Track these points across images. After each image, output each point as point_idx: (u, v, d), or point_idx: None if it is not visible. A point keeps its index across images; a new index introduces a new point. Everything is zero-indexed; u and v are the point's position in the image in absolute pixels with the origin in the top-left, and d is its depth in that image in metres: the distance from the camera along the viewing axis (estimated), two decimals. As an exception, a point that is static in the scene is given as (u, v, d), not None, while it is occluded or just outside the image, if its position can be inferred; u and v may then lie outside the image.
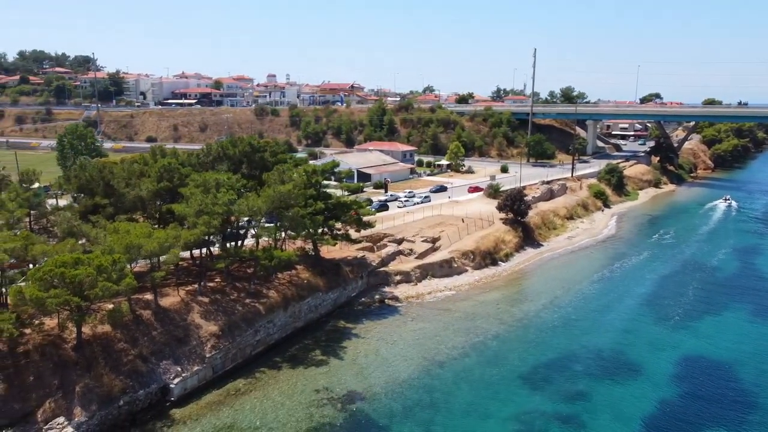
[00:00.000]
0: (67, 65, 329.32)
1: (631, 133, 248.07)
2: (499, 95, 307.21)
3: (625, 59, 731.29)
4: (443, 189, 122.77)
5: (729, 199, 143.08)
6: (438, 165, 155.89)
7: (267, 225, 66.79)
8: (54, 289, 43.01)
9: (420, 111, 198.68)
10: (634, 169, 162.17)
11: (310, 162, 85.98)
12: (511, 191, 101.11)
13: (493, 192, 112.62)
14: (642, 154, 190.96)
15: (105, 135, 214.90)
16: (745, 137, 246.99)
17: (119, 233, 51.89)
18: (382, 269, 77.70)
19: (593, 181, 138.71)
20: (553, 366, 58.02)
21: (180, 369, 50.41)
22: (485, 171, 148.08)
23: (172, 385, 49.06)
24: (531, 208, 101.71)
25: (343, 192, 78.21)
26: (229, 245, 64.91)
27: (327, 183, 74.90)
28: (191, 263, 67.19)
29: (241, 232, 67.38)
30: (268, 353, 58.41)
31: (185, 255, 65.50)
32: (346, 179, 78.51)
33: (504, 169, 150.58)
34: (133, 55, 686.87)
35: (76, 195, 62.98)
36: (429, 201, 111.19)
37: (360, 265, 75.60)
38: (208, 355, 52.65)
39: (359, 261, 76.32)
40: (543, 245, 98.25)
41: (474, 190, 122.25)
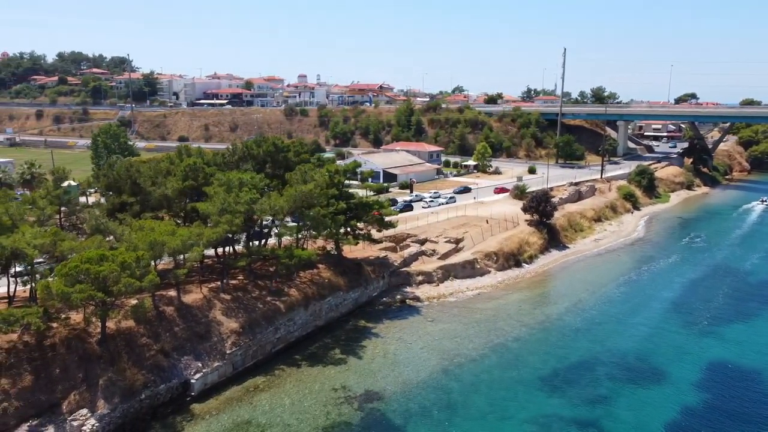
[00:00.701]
0: (104, 66, 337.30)
1: (664, 134, 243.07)
2: (530, 95, 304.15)
3: (660, 59, 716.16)
4: (467, 190, 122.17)
5: (766, 201, 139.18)
6: (465, 166, 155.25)
7: (291, 224, 67.48)
8: (79, 285, 44.20)
9: (448, 111, 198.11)
10: (665, 171, 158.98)
11: (337, 162, 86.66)
12: (537, 192, 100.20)
13: (519, 193, 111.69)
14: (674, 155, 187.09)
15: (139, 134, 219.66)
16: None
17: (144, 231, 53.04)
18: (404, 269, 77.76)
19: (623, 183, 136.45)
20: (575, 369, 57.34)
21: (201, 365, 51.30)
22: (512, 172, 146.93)
23: (192, 381, 49.96)
24: (557, 209, 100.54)
25: (368, 192, 78.59)
26: (253, 244, 65.81)
27: (351, 183, 75.31)
28: (216, 261, 68.26)
29: (265, 231, 68.26)
30: (288, 351, 59.02)
31: (210, 253, 66.63)
32: (368, 179, 78.61)
33: (531, 170, 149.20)
34: (168, 56, 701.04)
35: (104, 193, 64.52)
36: (454, 202, 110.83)
37: (382, 265, 75.80)
38: (228, 352, 53.45)
39: (381, 261, 76.53)
40: (568, 247, 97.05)
41: (500, 191, 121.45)
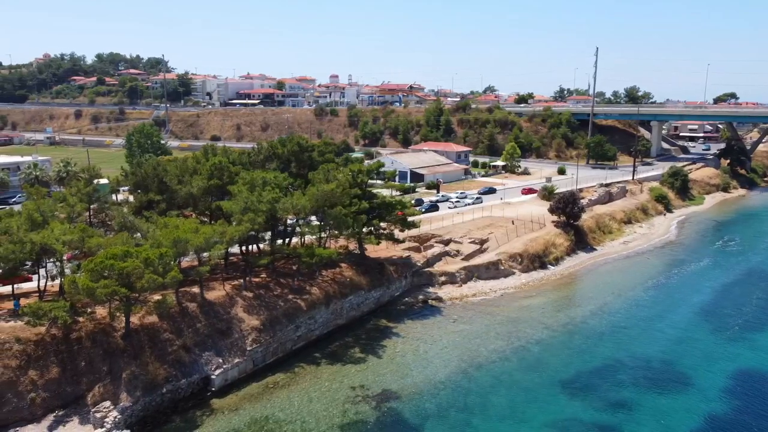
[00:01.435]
0: (140, 67, 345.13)
1: (701, 135, 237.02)
2: (562, 95, 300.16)
3: (698, 58, 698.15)
4: (492, 191, 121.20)
5: None
6: (493, 166, 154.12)
7: (315, 223, 67.97)
8: (104, 280, 45.40)
9: (477, 111, 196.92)
10: (700, 173, 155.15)
11: (364, 162, 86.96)
12: (564, 194, 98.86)
13: (548, 194, 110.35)
14: (710, 156, 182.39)
15: (173, 134, 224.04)
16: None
17: (168, 228, 54.15)
18: (426, 269, 77.63)
19: (655, 185, 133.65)
20: (597, 373, 56.48)
21: (221, 361, 52.13)
22: (541, 173, 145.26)
23: (213, 376, 50.80)
24: (584, 211, 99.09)
25: (393, 192, 78.67)
26: (276, 242, 66.50)
27: (377, 183, 75.43)
28: (240, 259, 69.19)
29: (289, 230, 68.89)
30: (308, 349, 59.53)
31: (235, 251, 67.64)
32: (391, 179, 78.68)
33: (561, 171, 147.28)
34: (203, 57, 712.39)
35: (132, 191, 66.09)
36: (480, 202, 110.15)
37: (405, 265, 75.82)
38: (249, 349, 54.18)
39: (404, 261, 76.56)
40: (596, 249, 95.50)
41: (528, 191, 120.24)
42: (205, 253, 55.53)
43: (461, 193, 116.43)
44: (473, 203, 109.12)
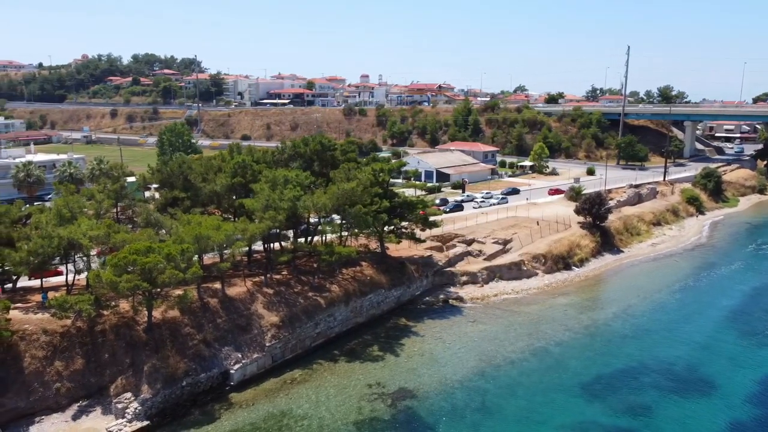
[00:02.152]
0: (175, 67, 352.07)
1: (737, 136, 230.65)
2: (594, 95, 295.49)
3: (735, 57, 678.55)
4: (515, 192, 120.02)
5: None
6: (520, 166, 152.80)
7: (338, 222, 68.45)
8: (126, 274, 46.65)
9: (505, 111, 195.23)
10: (735, 174, 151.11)
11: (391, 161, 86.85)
12: (591, 194, 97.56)
13: (575, 195, 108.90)
14: (746, 158, 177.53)
15: (204, 133, 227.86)
16: None
17: (191, 225, 55.29)
18: (448, 269, 77.49)
19: (687, 186, 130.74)
20: (618, 376, 55.69)
21: (240, 356, 53.00)
22: (570, 173, 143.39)
23: (232, 371, 51.68)
24: (611, 212, 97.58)
25: (416, 191, 78.71)
26: (299, 240, 67.22)
27: (401, 182, 75.58)
28: (263, 256, 70.10)
29: (312, 228, 69.56)
30: (327, 346, 60.04)
31: (259, 248, 68.61)
32: (412, 178, 78.74)
33: (590, 172, 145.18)
34: (236, 57, 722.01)
35: (158, 188, 67.62)
36: (506, 202, 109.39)
37: (426, 264, 75.84)
38: (268, 344, 54.95)
39: (425, 260, 76.56)
40: (623, 251, 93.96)
41: (554, 192, 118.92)
42: (227, 250, 56.45)
43: (486, 193, 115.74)
44: (498, 203, 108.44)
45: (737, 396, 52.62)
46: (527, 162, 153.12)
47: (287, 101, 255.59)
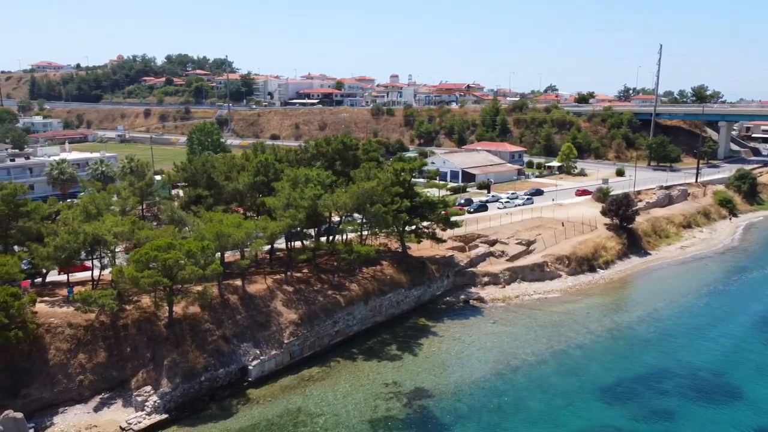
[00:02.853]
0: (207, 68, 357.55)
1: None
2: (627, 94, 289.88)
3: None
4: (539, 192, 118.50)
5: None
6: (548, 167, 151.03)
7: (359, 221, 68.69)
8: (148, 270, 47.63)
9: (534, 111, 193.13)
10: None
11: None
12: (618, 196, 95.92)
13: (602, 196, 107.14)
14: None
15: (234, 132, 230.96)
16: None
17: (213, 222, 56.15)
18: (469, 269, 77.08)
19: (720, 188, 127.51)
20: (640, 381, 54.65)
21: (259, 352, 53.61)
22: (598, 174, 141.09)
23: (250, 367, 52.31)
24: (638, 213, 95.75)
25: (439, 191, 78.47)
26: (321, 239, 67.66)
27: (423, 182, 75.39)
28: (285, 254, 70.80)
29: (334, 227, 69.94)
30: (345, 344, 60.28)
31: (282, 246, 69.33)
32: (433, 178, 78.57)
33: (620, 173, 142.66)
34: (266, 58, 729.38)
35: (182, 186, 68.84)
36: (531, 203, 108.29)
37: (447, 264, 75.57)
38: (286, 341, 55.47)
39: (447, 260, 76.28)
40: (650, 254, 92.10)
41: (582, 193, 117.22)
42: (247, 248, 57.17)
43: (512, 194, 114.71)
44: (524, 204, 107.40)
45: (763, 403, 51.16)
46: (555, 163, 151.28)
47: (316, 101, 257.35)
